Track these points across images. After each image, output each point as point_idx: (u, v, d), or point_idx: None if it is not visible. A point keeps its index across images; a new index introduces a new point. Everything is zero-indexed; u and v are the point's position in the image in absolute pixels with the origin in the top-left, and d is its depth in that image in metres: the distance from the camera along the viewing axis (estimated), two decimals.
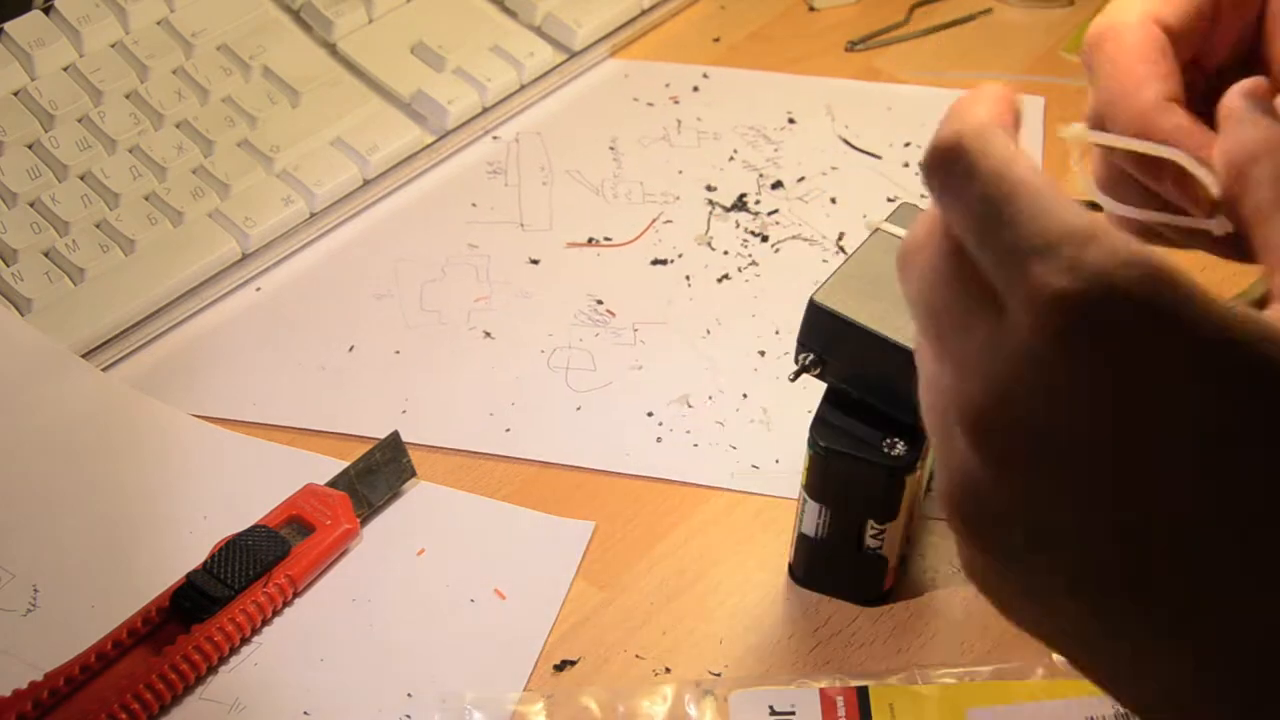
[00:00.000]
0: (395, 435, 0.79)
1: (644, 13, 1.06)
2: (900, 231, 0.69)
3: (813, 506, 0.71)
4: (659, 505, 0.79)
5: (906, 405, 0.58)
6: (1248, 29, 0.63)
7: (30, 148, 0.90)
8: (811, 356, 0.69)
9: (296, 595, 0.73)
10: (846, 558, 0.72)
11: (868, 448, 0.68)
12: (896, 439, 0.68)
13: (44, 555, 0.74)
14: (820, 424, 0.69)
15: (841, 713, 0.69)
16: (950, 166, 0.48)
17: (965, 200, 0.47)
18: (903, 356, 0.59)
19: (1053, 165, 0.95)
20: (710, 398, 0.84)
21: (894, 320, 0.66)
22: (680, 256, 0.92)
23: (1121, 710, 0.68)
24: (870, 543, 0.71)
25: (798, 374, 0.70)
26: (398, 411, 0.82)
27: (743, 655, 0.72)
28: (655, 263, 0.91)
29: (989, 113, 0.50)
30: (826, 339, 0.68)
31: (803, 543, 0.73)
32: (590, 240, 0.92)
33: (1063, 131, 0.56)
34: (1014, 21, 1.10)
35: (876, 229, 0.71)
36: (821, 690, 0.69)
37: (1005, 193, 0.46)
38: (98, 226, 0.87)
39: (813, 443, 0.69)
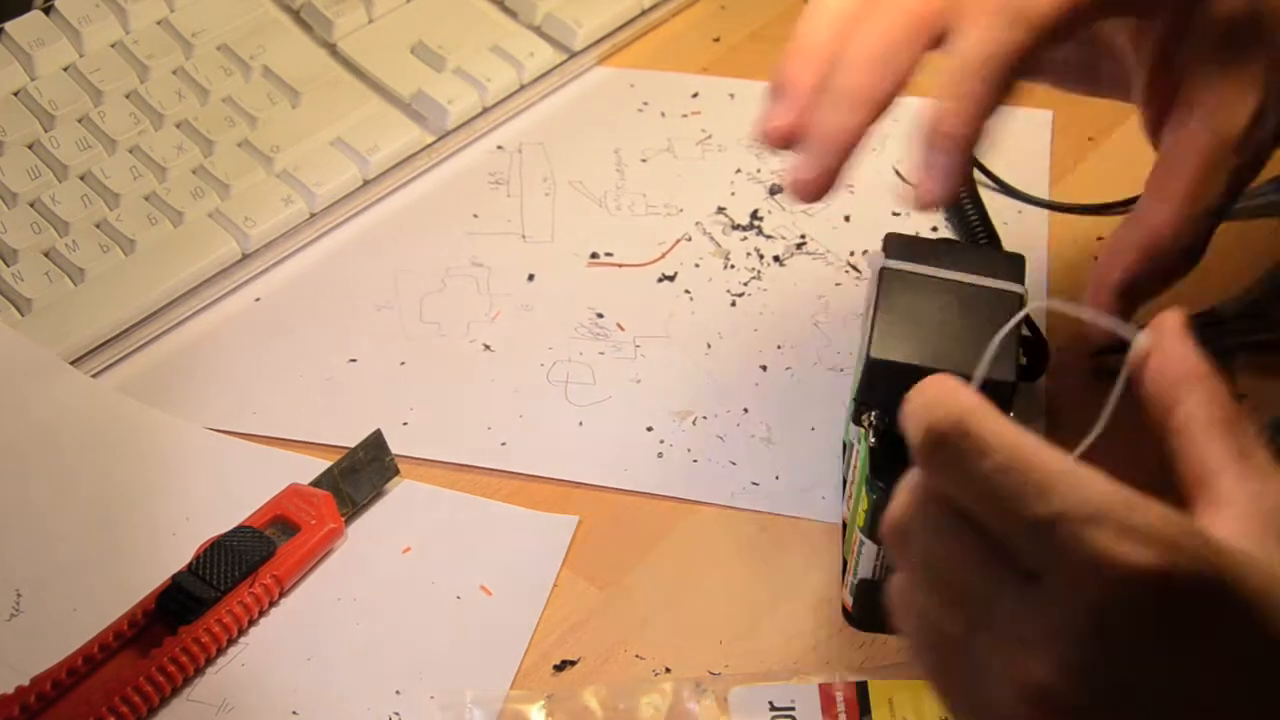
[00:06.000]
0: (378, 434, 0.76)
1: (644, 13, 1.03)
2: (907, 267, 0.66)
3: (870, 549, 0.67)
4: (659, 506, 0.76)
5: None
6: None
7: (30, 148, 0.87)
8: (877, 413, 0.64)
9: (283, 595, 0.71)
10: None
11: None
12: None
13: (27, 559, 0.72)
14: (876, 467, 0.64)
15: (841, 708, 0.66)
16: (956, 444, 0.48)
17: (978, 476, 0.48)
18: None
19: (1062, 168, 0.92)
20: (711, 414, 0.79)
21: (947, 352, 0.63)
22: (682, 269, 0.87)
23: None
24: None
25: (879, 438, 0.65)
26: (398, 424, 0.79)
27: (743, 655, 0.69)
28: (657, 277, 0.87)
29: (969, 397, 0.50)
30: (892, 391, 0.63)
31: (862, 588, 0.68)
32: (594, 256, 0.88)
33: None
34: None
35: (882, 268, 0.66)
36: (821, 686, 0.67)
37: (1027, 465, 0.47)
38: (98, 226, 0.85)
39: (873, 487, 0.64)
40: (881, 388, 0.64)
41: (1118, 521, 0.45)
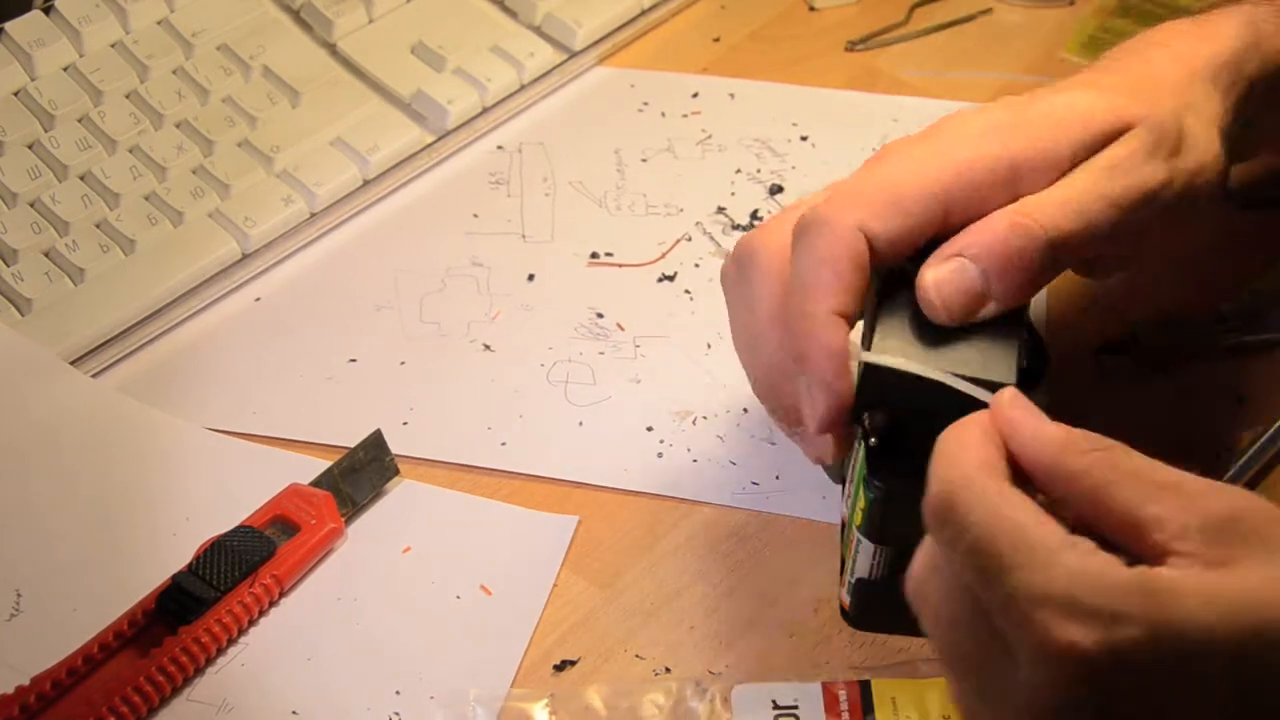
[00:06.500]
0: (377, 434, 0.76)
1: (644, 13, 1.02)
2: (908, 267, 0.65)
3: (868, 548, 0.66)
4: (659, 505, 0.75)
5: None
6: None
7: (30, 148, 0.87)
8: (876, 416, 0.64)
9: (283, 595, 0.71)
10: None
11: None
12: None
13: (27, 559, 0.72)
14: (873, 468, 0.64)
15: (844, 707, 0.66)
16: (944, 520, 0.51)
17: (962, 551, 0.50)
18: (953, 392, 0.60)
19: None
20: (711, 414, 0.79)
21: (944, 359, 0.62)
22: (682, 269, 0.87)
23: None
24: None
25: (878, 442, 0.64)
26: (398, 424, 0.78)
27: (743, 655, 0.69)
28: (657, 277, 0.87)
29: (975, 457, 0.52)
30: (888, 393, 0.63)
31: (860, 587, 0.67)
32: (594, 256, 0.88)
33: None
34: (1014, 21, 1.06)
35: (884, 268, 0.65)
36: (824, 685, 0.67)
37: (996, 543, 0.49)
38: (98, 226, 0.85)
39: (871, 486, 0.63)
40: (878, 390, 0.63)
41: (1061, 602, 0.47)
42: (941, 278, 0.61)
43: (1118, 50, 0.71)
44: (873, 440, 0.64)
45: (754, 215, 0.90)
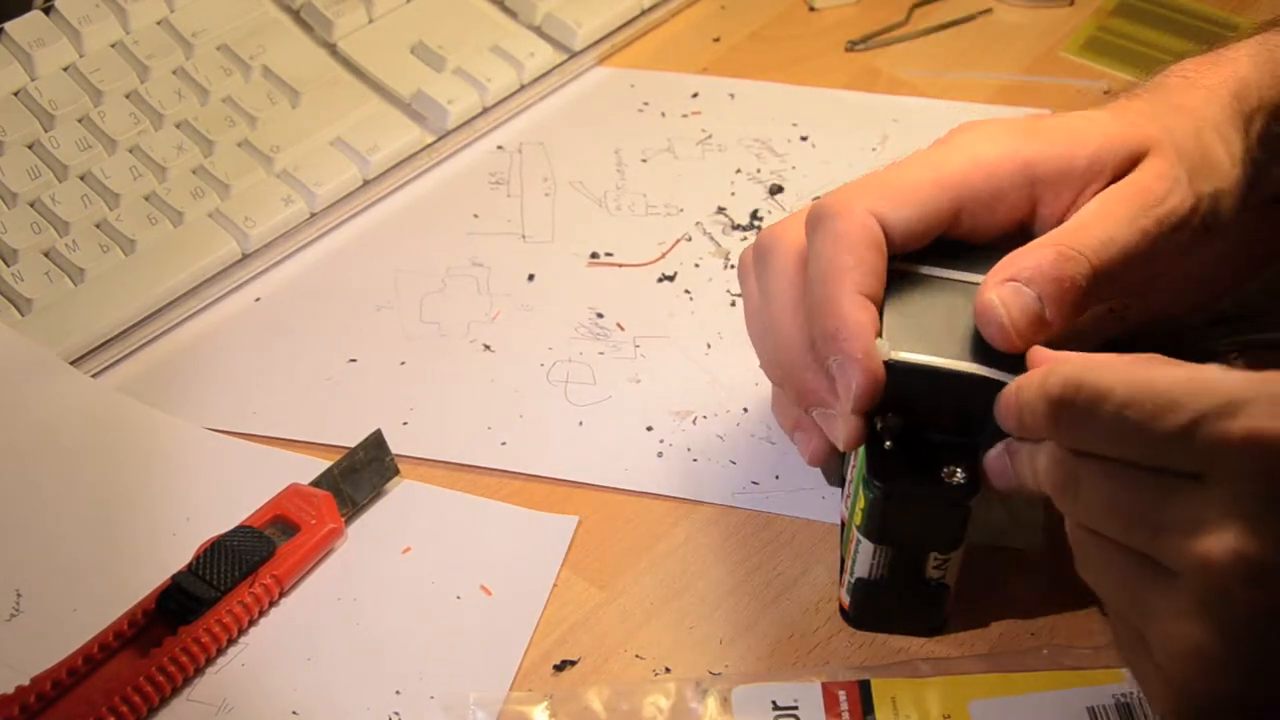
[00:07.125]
0: (378, 434, 0.76)
1: (644, 13, 1.02)
2: (913, 267, 0.66)
3: (868, 548, 0.66)
4: (659, 505, 0.75)
5: (972, 427, 0.62)
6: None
7: (30, 148, 0.87)
8: (890, 415, 0.64)
9: (283, 595, 0.71)
10: (909, 593, 0.67)
11: (930, 481, 0.63)
12: (954, 466, 0.63)
13: (27, 559, 0.72)
14: (873, 468, 0.64)
15: (844, 707, 0.66)
16: (1075, 400, 0.53)
17: (1107, 421, 0.52)
18: (976, 384, 0.61)
19: None
20: (711, 414, 0.79)
21: (953, 349, 0.63)
22: (682, 269, 0.87)
23: (1121, 700, 0.65)
24: (933, 574, 0.67)
25: (894, 440, 0.64)
26: (398, 424, 0.78)
27: (743, 655, 0.69)
28: (657, 277, 0.87)
29: (1077, 359, 0.56)
30: (903, 391, 0.63)
31: (859, 586, 0.68)
32: (594, 256, 0.88)
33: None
34: (1014, 21, 1.06)
35: (889, 268, 0.66)
36: (824, 684, 0.67)
37: (1153, 387, 0.51)
38: (98, 226, 0.85)
39: (872, 487, 0.64)
40: (895, 391, 0.63)
41: (1256, 399, 0.48)
42: (1005, 297, 0.62)
43: (1134, 87, 0.72)
44: (887, 444, 0.64)
45: (754, 215, 0.90)
